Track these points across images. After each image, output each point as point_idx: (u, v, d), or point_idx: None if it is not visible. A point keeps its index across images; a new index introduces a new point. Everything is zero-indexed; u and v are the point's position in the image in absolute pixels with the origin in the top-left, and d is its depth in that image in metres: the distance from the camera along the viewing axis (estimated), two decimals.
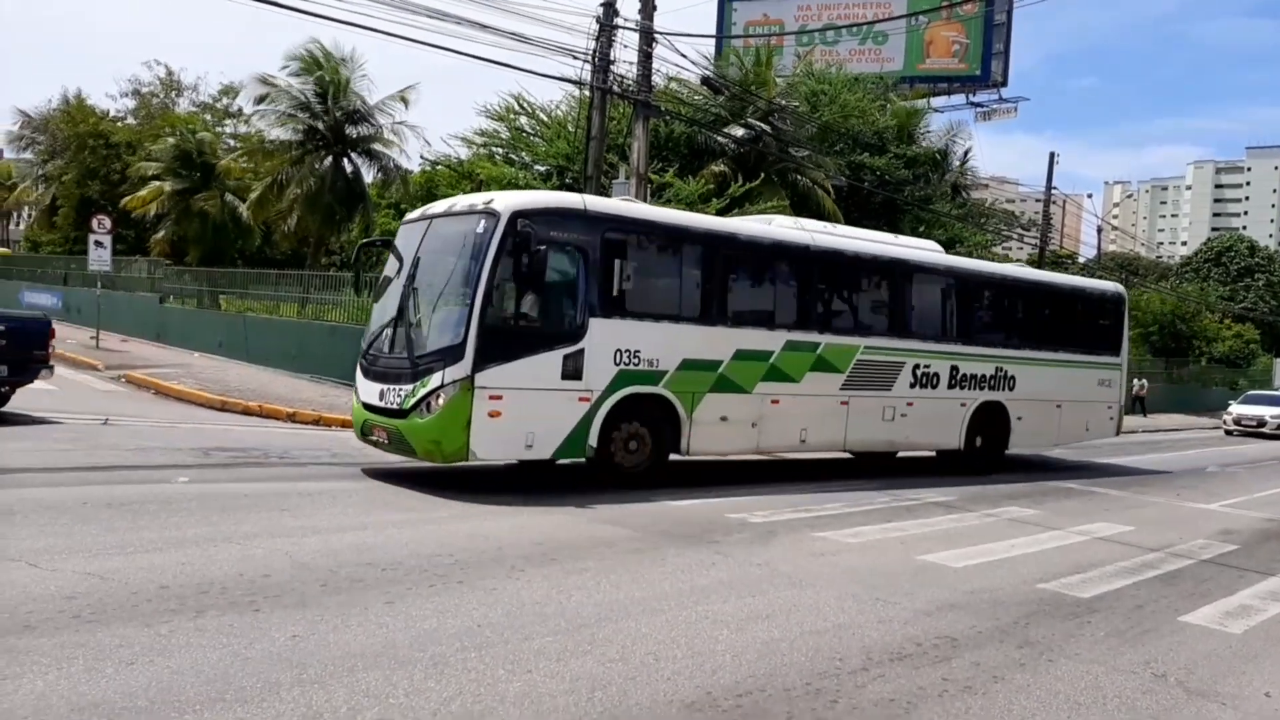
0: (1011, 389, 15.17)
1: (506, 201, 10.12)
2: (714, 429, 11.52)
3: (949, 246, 31.04)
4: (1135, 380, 38.02)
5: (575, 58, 17.38)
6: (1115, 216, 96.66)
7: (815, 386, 12.59)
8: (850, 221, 26.58)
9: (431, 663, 4.88)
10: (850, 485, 12.94)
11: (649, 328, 10.90)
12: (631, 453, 10.85)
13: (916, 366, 13.84)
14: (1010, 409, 15.22)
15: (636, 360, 10.72)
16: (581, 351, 10.25)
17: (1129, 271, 60.20)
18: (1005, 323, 15.95)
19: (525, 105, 26.80)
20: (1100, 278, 34.89)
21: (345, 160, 32.09)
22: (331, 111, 30.82)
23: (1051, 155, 34.17)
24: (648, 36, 17.95)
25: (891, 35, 46.51)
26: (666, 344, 11.05)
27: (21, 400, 13.41)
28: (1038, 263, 35.78)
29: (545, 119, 26.58)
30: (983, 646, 6.00)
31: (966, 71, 47.33)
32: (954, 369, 14.38)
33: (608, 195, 17.95)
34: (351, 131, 31.68)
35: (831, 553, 8.47)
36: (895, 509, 11.24)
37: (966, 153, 35.22)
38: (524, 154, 26.67)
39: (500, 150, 27.35)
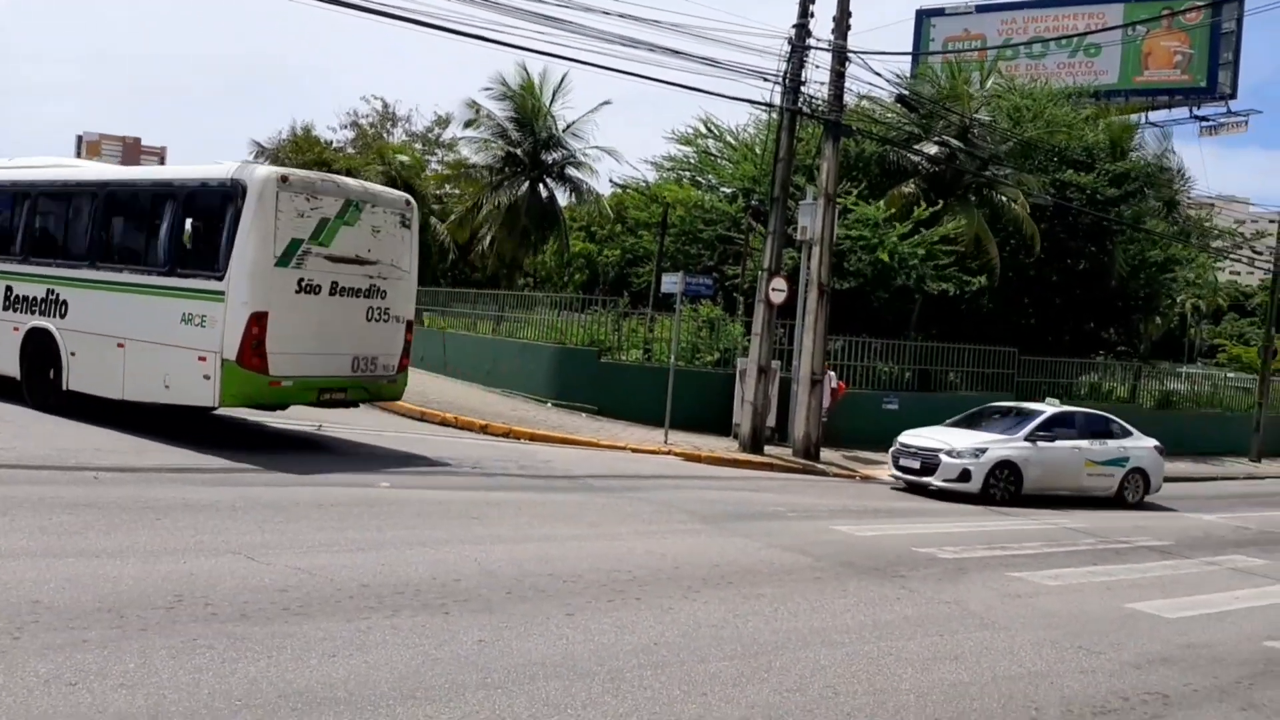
0: (63, 315, 12.12)
1: None
2: None
3: (1164, 268, 28.53)
4: None
5: (765, 80, 17.30)
6: None
7: None
8: (1055, 244, 25.06)
9: (609, 677, 4.94)
10: (1047, 522, 12.19)
11: None
12: None
13: None
14: (61, 339, 11.99)
15: None
16: None
17: None
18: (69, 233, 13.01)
19: (713, 128, 27.01)
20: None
21: (541, 185, 33.36)
22: (529, 138, 32.16)
23: None
24: (840, 56, 17.69)
25: (1105, 47, 43.76)
26: None
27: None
28: (1270, 289, 32.57)
29: (733, 141, 26.68)
30: (1199, 706, 5.49)
31: (1190, 83, 43.82)
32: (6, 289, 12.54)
33: (793, 218, 17.79)
34: (547, 157, 32.92)
35: (1028, 594, 7.99)
36: (1102, 551, 10.52)
37: (1179, 171, 32.01)
38: (710, 176, 26.85)
39: (687, 173, 27.66)
